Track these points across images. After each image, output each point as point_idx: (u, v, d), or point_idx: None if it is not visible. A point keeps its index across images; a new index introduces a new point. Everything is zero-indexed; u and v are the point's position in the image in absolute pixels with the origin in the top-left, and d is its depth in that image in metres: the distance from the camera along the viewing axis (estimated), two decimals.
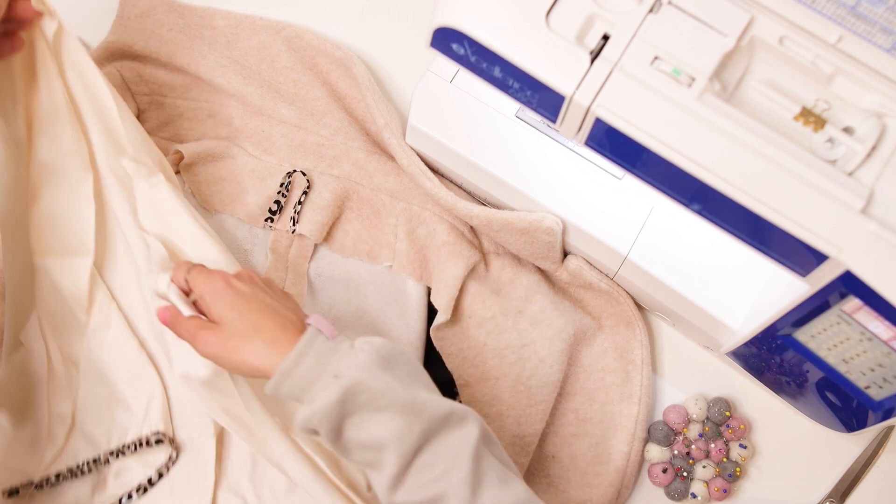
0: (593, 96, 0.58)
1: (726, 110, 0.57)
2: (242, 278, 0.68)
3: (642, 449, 0.81)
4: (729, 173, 0.56)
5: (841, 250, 0.55)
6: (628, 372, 0.82)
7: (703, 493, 0.80)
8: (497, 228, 0.80)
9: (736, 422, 0.81)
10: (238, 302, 0.66)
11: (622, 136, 0.59)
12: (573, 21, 0.59)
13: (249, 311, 0.65)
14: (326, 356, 0.63)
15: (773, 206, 0.56)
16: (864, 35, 0.58)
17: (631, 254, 0.77)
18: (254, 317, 0.65)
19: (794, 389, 0.75)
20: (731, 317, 0.75)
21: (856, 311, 0.59)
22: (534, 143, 0.80)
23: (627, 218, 0.78)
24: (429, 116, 0.80)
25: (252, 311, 0.65)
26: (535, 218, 0.78)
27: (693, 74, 0.58)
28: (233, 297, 0.66)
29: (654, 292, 0.79)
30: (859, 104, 0.58)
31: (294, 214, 0.83)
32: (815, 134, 0.58)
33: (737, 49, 0.59)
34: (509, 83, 0.62)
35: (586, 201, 0.78)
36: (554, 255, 0.81)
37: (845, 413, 0.71)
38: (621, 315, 0.83)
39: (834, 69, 0.58)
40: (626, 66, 0.58)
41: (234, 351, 0.64)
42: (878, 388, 0.64)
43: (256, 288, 0.68)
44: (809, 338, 0.66)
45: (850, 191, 0.55)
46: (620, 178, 0.79)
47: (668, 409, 0.82)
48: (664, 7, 0.59)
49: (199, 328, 0.66)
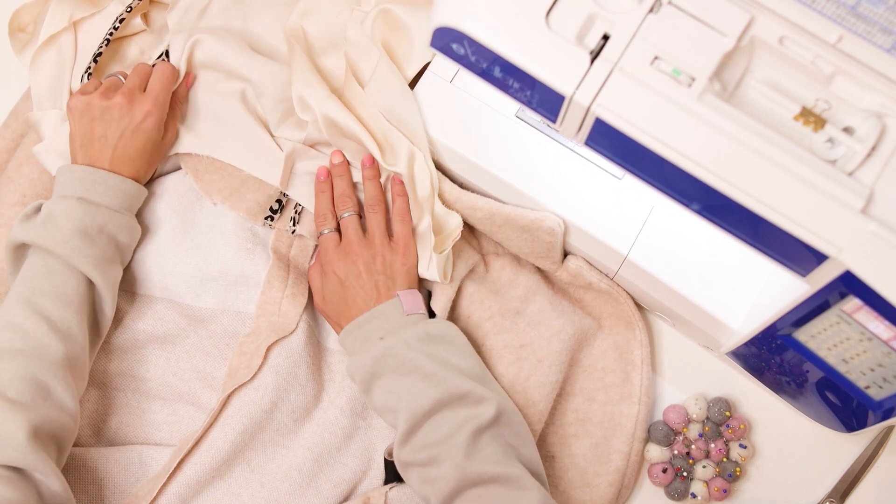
0: (593, 96, 0.58)
1: (726, 110, 0.57)
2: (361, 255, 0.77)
3: (642, 449, 0.81)
4: (729, 173, 0.56)
5: (841, 250, 0.55)
6: (628, 372, 0.82)
7: (703, 493, 0.80)
8: (499, 223, 0.79)
9: (736, 422, 0.81)
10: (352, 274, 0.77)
11: (622, 136, 0.59)
12: (573, 21, 0.59)
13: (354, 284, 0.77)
14: (389, 323, 0.74)
15: (773, 205, 0.56)
16: (864, 35, 0.58)
17: (631, 254, 0.77)
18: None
19: (794, 389, 0.75)
20: (731, 317, 0.75)
21: (856, 311, 0.59)
22: (534, 143, 0.80)
23: (627, 218, 0.78)
24: (429, 116, 0.80)
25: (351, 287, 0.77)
26: (537, 216, 0.78)
27: (693, 74, 0.58)
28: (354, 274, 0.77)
29: (654, 292, 0.79)
30: (859, 104, 0.58)
31: (294, 215, 0.83)
32: (815, 134, 0.58)
33: (737, 49, 0.59)
34: (509, 83, 0.62)
35: (586, 201, 0.78)
36: (554, 255, 0.81)
37: (845, 413, 0.71)
38: (621, 315, 0.83)
39: (834, 69, 0.58)
40: (626, 66, 0.58)
41: (343, 288, 0.77)
42: (878, 388, 0.64)
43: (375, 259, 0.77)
44: (809, 338, 0.66)
45: (850, 191, 0.55)
46: (620, 178, 0.79)
47: (668, 409, 0.82)
48: (664, 7, 0.59)
49: (335, 246, 0.78)
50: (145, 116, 0.77)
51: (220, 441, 0.73)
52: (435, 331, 0.74)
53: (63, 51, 0.86)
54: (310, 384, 0.78)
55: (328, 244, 0.79)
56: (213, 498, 0.74)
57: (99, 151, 0.76)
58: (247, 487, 0.75)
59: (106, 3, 0.88)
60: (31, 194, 0.83)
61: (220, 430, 0.74)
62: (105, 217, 0.74)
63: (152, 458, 0.75)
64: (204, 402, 0.78)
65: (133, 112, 0.77)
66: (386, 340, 0.72)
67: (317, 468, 0.76)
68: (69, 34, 0.86)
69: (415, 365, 0.71)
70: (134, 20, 0.88)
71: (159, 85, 0.80)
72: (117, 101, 0.77)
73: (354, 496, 0.77)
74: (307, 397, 0.77)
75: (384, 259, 0.77)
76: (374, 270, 0.77)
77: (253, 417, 0.74)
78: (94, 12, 0.87)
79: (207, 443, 0.73)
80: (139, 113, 0.77)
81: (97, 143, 0.77)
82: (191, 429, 0.77)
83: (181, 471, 0.72)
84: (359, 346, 0.74)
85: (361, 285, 0.76)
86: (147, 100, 0.78)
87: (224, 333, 0.80)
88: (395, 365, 0.71)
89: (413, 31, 0.81)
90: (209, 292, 0.80)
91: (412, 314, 0.75)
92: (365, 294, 0.76)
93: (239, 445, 0.74)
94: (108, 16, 0.87)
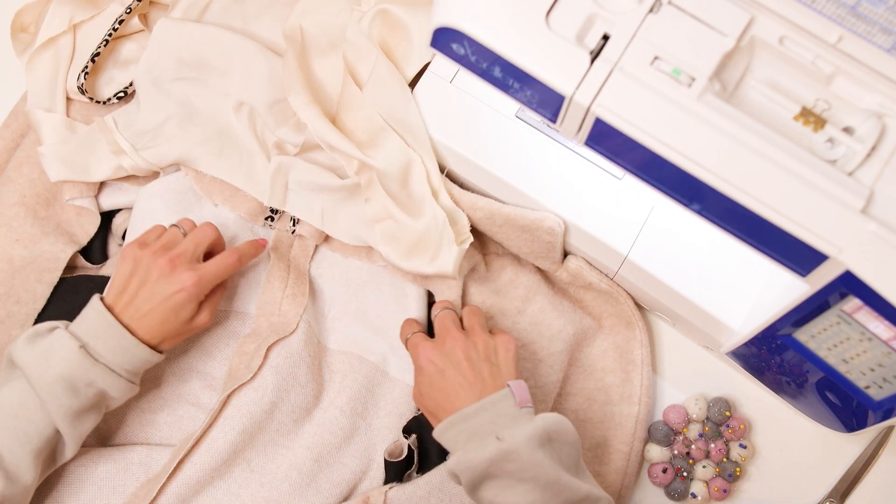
0: (593, 96, 0.58)
1: (726, 110, 0.57)
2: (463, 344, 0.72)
3: (642, 449, 0.81)
4: (729, 173, 0.56)
5: (841, 250, 0.55)
6: (628, 372, 0.82)
7: (703, 493, 0.80)
8: (499, 223, 0.79)
9: (736, 422, 0.81)
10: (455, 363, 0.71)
11: (622, 136, 0.59)
12: (573, 21, 0.59)
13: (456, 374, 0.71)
14: (502, 418, 0.67)
15: (773, 205, 0.56)
16: (864, 35, 0.58)
17: (631, 254, 0.77)
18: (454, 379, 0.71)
19: (794, 389, 0.75)
20: (731, 317, 0.75)
21: (856, 311, 0.58)
22: (534, 143, 0.80)
23: (627, 218, 0.78)
24: (428, 116, 0.80)
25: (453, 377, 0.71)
26: (537, 217, 0.78)
27: (693, 74, 0.58)
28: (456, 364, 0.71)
29: (654, 292, 0.79)
30: (859, 104, 0.58)
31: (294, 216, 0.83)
32: (815, 134, 0.58)
33: (737, 49, 0.59)
34: (509, 83, 0.62)
35: (586, 201, 0.78)
36: (554, 256, 0.81)
37: (845, 413, 0.71)
38: (621, 315, 0.83)
39: (834, 69, 0.58)
40: (626, 66, 0.58)
41: (439, 379, 0.71)
42: (878, 388, 0.64)
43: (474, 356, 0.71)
44: (809, 338, 0.66)
45: (850, 191, 0.55)
46: (620, 178, 0.79)
47: (668, 409, 0.82)
48: (664, 7, 0.59)
49: (428, 339, 0.73)
50: (179, 290, 0.71)
51: (220, 441, 0.73)
52: (553, 428, 0.67)
53: (60, 52, 0.86)
54: (310, 384, 0.78)
55: (420, 340, 0.74)
56: (212, 498, 0.74)
57: (126, 304, 0.72)
58: (246, 487, 0.75)
59: (106, 5, 0.88)
60: (30, 194, 0.83)
61: (219, 430, 0.74)
62: (98, 375, 0.69)
63: (152, 458, 0.75)
64: (204, 402, 0.78)
65: (171, 280, 0.72)
66: (505, 442, 0.65)
67: (317, 468, 0.76)
68: (67, 35, 0.86)
69: (536, 472, 0.64)
70: (132, 21, 0.88)
71: (214, 269, 0.74)
72: (160, 262, 0.72)
73: (354, 496, 0.77)
74: (307, 397, 0.77)
75: (486, 344, 0.72)
76: (477, 357, 0.71)
77: (253, 417, 0.74)
78: (94, 14, 0.87)
79: (207, 443, 0.73)
80: (175, 284, 0.71)
81: (127, 295, 0.73)
82: (191, 429, 0.77)
83: (181, 471, 0.72)
84: (466, 441, 0.67)
85: (463, 374, 0.70)
86: (190, 275, 0.72)
87: (224, 333, 0.80)
88: (514, 469, 0.64)
89: (412, 31, 0.81)
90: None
91: (525, 406, 0.69)
92: (468, 383, 0.70)
93: (239, 445, 0.74)
94: (108, 17, 0.87)
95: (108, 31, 0.86)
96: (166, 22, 0.83)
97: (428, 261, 0.78)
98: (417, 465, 0.77)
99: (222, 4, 0.88)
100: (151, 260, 0.73)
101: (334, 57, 0.84)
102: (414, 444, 0.77)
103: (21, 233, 0.81)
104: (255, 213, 0.83)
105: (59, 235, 0.82)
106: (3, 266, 0.80)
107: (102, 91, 0.88)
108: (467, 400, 0.69)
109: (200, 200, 0.83)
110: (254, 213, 0.82)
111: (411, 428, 0.78)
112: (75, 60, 0.86)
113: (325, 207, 0.82)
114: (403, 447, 0.77)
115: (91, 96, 0.86)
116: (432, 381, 0.71)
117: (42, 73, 0.85)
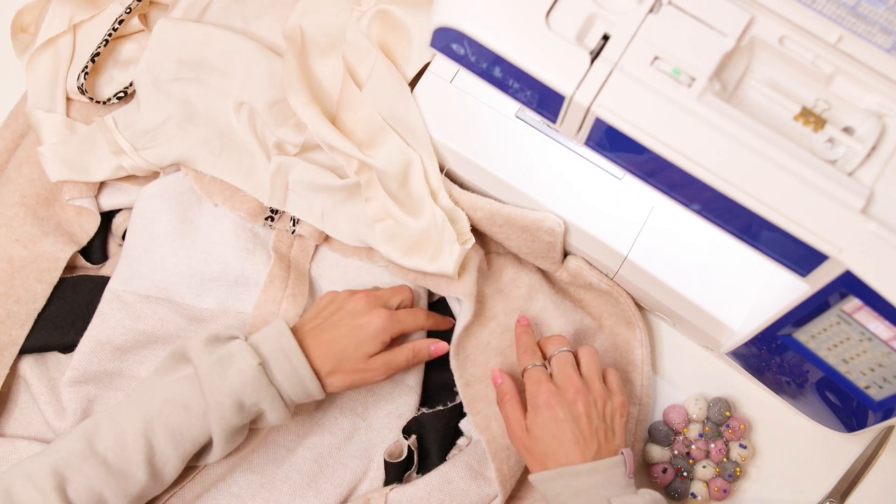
0: (593, 96, 0.58)
1: (726, 110, 0.57)
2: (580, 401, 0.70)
3: (642, 449, 0.81)
4: (729, 173, 0.56)
5: (841, 250, 0.55)
6: (628, 372, 0.82)
7: (703, 493, 0.80)
8: (499, 223, 0.79)
9: (736, 422, 0.81)
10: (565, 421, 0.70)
11: (622, 136, 0.59)
12: (573, 21, 0.59)
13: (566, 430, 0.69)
14: (614, 486, 0.67)
15: (773, 205, 0.56)
16: (864, 35, 0.58)
17: (631, 254, 0.77)
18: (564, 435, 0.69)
19: (794, 389, 0.75)
20: (731, 317, 0.75)
21: (856, 311, 0.58)
22: (534, 143, 0.80)
23: (627, 218, 0.78)
24: (428, 116, 0.80)
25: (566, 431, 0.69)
26: (537, 217, 0.78)
27: (693, 74, 0.58)
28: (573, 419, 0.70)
29: (654, 292, 0.79)
30: (859, 104, 0.58)
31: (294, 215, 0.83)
32: (815, 134, 0.58)
33: (737, 49, 0.59)
34: (509, 83, 0.62)
35: (586, 201, 0.78)
36: (554, 256, 0.81)
37: (845, 413, 0.71)
38: (621, 315, 0.83)
39: (834, 69, 0.58)
40: (626, 66, 0.58)
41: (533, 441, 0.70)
42: (878, 388, 0.64)
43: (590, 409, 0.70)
44: (809, 338, 0.65)
45: (850, 191, 0.55)
46: (620, 178, 0.79)
47: (668, 409, 0.82)
48: (664, 7, 0.59)
49: (549, 380, 0.72)
50: (367, 319, 0.74)
51: None
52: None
53: (60, 52, 0.86)
54: None
55: (539, 376, 0.72)
56: (213, 499, 0.74)
57: (311, 327, 0.73)
58: (247, 488, 0.75)
59: (106, 5, 0.88)
60: (30, 194, 0.83)
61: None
62: (267, 397, 0.69)
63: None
64: None
65: (362, 310, 0.74)
66: None
67: (317, 469, 0.76)
68: (67, 35, 0.86)
69: None
70: (132, 21, 0.88)
71: (405, 316, 0.76)
72: (358, 296, 0.75)
73: (354, 497, 0.77)
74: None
75: (604, 404, 0.71)
76: (596, 416, 0.70)
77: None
78: (94, 14, 0.87)
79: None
80: (366, 314, 0.74)
81: (316, 321, 0.74)
82: None
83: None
84: (574, 497, 0.67)
85: (581, 429, 0.69)
86: (382, 311, 0.74)
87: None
88: None
89: (412, 31, 0.81)
90: (209, 293, 0.80)
91: (632, 478, 0.69)
92: (585, 440, 0.69)
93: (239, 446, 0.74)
94: (108, 17, 0.87)
95: (108, 31, 0.86)
96: (166, 22, 0.83)
97: (428, 260, 0.78)
98: (417, 465, 0.77)
99: (222, 4, 0.88)
100: (349, 294, 0.76)
101: (334, 57, 0.84)
102: (414, 445, 0.77)
103: (21, 233, 0.81)
104: (255, 213, 0.83)
105: (59, 235, 0.82)
106: (3, 266, 0.80)
107: (102, 91, 0.88)
108: (580, 457, 0.68)
109: (200, 200, 0.83)
110: (254, 213, 0.82)
111: (411, 428, 0.78)
112: (75, 60, 0.86)
113: (325, 207, 0.82)
114: (403, 448, 0.77)
115: (91, 96, 0.86)
116: (546, 426, 0.70)
117: (42, 73, 0.85)
